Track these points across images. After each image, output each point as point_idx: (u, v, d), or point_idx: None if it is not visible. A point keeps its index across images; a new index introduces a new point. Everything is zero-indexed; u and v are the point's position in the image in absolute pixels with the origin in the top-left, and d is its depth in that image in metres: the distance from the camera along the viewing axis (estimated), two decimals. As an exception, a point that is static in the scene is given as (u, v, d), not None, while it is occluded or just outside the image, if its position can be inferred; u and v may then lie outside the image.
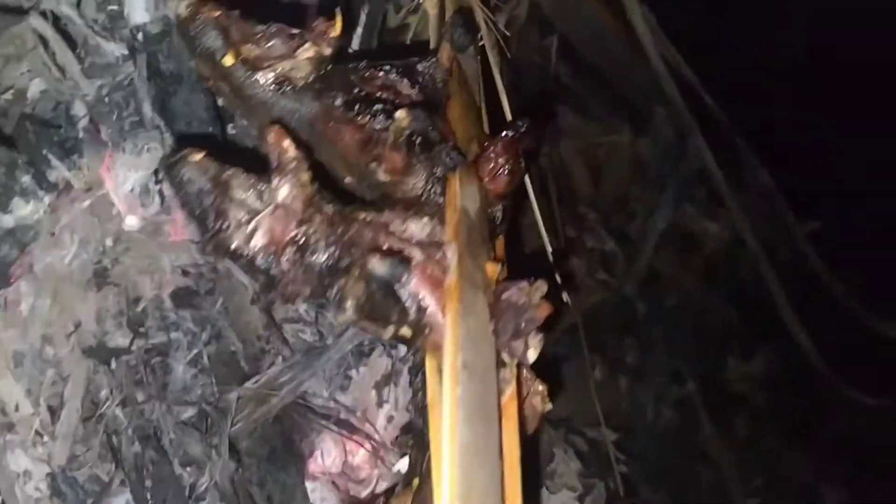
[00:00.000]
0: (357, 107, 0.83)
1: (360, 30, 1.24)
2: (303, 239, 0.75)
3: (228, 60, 0.82)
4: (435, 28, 1.12)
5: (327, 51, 0.84)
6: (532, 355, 0.76)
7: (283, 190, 0.74)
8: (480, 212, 0.83)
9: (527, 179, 1.17)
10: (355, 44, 1.22)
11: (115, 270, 1.23)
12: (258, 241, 0.74)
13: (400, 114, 0.78)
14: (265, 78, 0.84)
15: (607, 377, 2.29)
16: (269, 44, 0.85)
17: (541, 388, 0.90)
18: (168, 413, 1.18)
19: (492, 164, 0.87)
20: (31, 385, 1.16)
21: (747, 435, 2.67)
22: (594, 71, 2.50)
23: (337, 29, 0.84)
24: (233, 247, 0.74)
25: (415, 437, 1.15)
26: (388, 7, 1.30)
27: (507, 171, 0.88)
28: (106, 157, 1.09)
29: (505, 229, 0.92)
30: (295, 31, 0.87)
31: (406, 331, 0.75)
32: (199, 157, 0.74)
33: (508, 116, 1.09)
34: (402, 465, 1.26)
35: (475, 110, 0.98)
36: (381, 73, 0.89)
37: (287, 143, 0.75)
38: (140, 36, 1.08)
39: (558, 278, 1.35)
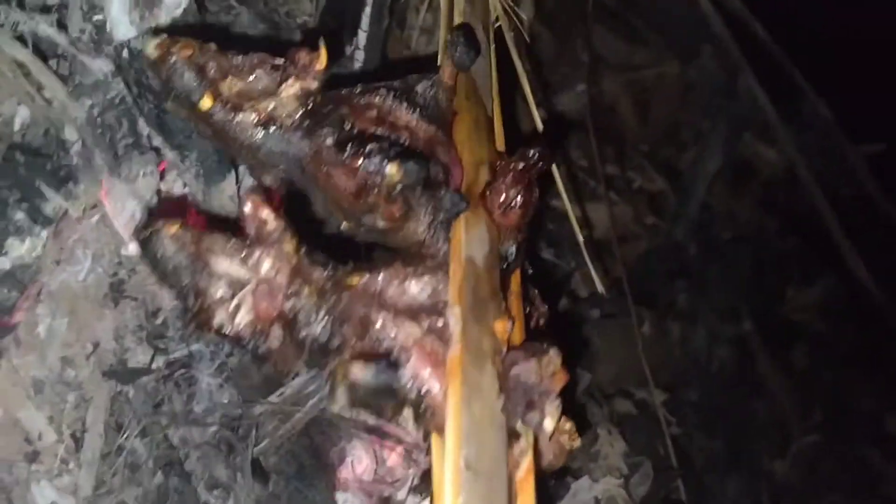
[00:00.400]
0: (349, 147, 0.74)
1: (362, 49, 1.15)
2: (291, 314, 0.69)
3: (206, 103, 0.74)
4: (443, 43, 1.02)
5: (313, 85, 0.76)
6: (549, 425, 0.69)
7: (266, 264, 0.67)
8: (490, 257, 0.75)
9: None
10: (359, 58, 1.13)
11: (132, 283, 1.19)
12: (243, 318, 0.68)
13: (391, 169, 0.69)
14: (248, 119, 0.76)
15: (657, 329, 2.21)
16: (251, 76, 0.76)
17: (567, 426, 0.83)
18: (191, 435, 1.15)
19: (502, 198, 0.79)
20: (52, 412, 1.14)
21: (806, 367, 2.58)
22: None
23: (322, 61, 0.75)
24: (216, 325, 0.68)
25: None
26: (391, 21, 1.21)
27: (519, 205, 0.79)
28: (103, 181, 1.03)
29: (521, 262, 0.84)
30: (278, 60, 0.78)
31: (407, 414, 0.68)
32: (173, 229, 0.67)
33: (538, 123, 1.00)
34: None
35: (486, 127, 0.88)
36: (377, 100, 0.80)
37: (266, 213, 0.67)
38: (125, 53, 0.99)
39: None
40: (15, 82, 0.96)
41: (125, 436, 1.12)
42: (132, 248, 1.07)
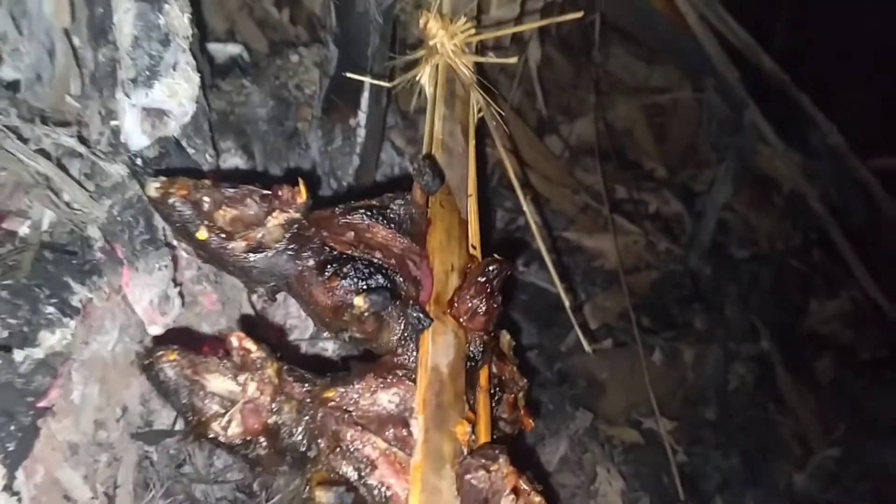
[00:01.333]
0: (328, 269, 0.85)
1: (363, 126, 1.25)
2: (274, 428, 0.80)
3: (202, 235, 0.85)
4: (430, 118, 1.11)
5: (296, 215, 0.86)
6: (506, 517, 0.78)
7: (251, 386, 0.78)
8: (455, 363, 0.85)
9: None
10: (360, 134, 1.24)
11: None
12: (234, 430, 0.79)
13: (357, 300, 0.80)
14: (240, 246, 0.87)
15: (669, 356, 2.27)
16: (242, 206, 0.87)
17: (537, 500, 0.92)
18: (212, 491, 1.26)
19: (467, 306, 0.88)
20: (87, 472, 1.26)
21: (830, 379, 2.61)
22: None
23: (303, 195, 0.86)
24: (211, 435, 0.79)
25: None
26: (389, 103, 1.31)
27: (483, 311, 0.89)
28: (123, 273, 1.15)
29: (488, 359, 0.94)
30: (266, 191, 0.89)
31: (376, 519, 0.78)
32: (172, 356, 0.78)
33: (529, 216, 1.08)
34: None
35: (459, 232, 0.98)
36: (356, 220, 0.90)
37: (248, 344, 0.78)
38: (139, 161, 1.11)
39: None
40: (41, 190, 1.09)
41: (152, 493, 1.24)
42: (153, 331, 1.19)
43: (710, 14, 2.19)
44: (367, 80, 1.28)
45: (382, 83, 1.27)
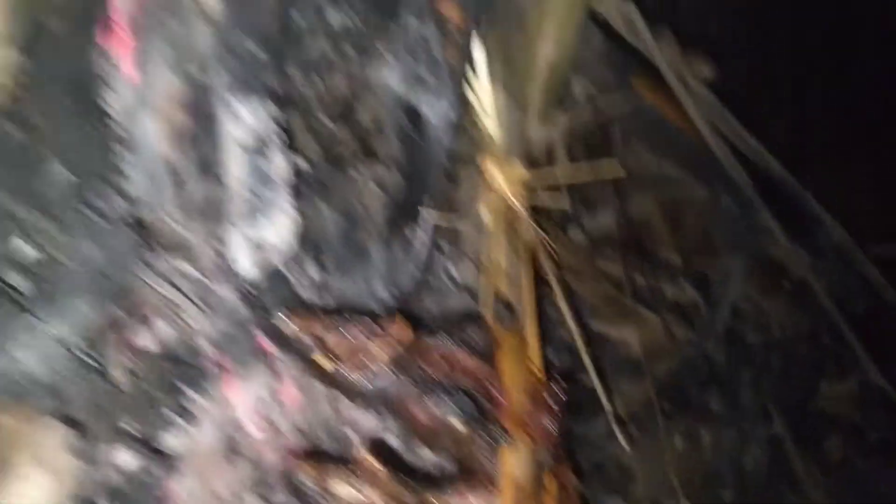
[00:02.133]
0: (423, 389, 1.04)
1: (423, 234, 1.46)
2: (386, 528, 0.98)
3: (319, 360, 1.04)
4: (489, 247, 1.31)
5: (399, 349, 1.06)
6: None
7: (374, 497, 0.96)
8: (531, 471, 1.03)
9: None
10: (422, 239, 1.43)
11: (245, 444, 1.48)
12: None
13: (452, 420, 0.98)
14: (349, 370, 1.06)
15: (690, 440, 2.40)
16: (352, 335, 1.07)
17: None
18: None
19: (539, 425, 1.07)
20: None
21: (840, 459, 2.73)
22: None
23: (408, 331, 1.06)
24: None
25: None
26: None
27: (548, 429, 1.08)
28: (229, 381, 1.34)
29: (554, 465, 1.12)
30: (375, 326, 1.09)
31: None
32: (308, 466, 0.97)
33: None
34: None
35: (523, 354, 1.17)
36: (443, 347, 1.10)
37: (373, 461, 0.97)
38: (248, 286, 1.31)
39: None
40: (162, 309, 1.29)
41: None
42: (252, 432, 1.38)
43: (721, 124, 2.40)
44: (428, 208, 1.48)
45: (441, 212, 1.47)
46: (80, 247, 1.31)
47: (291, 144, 1.71)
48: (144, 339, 1.31)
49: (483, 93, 1.46)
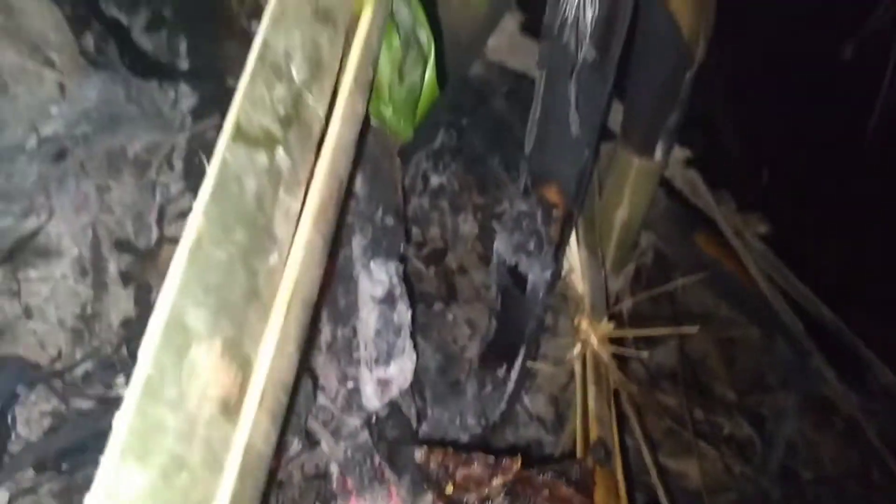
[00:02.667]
0: (532, 516, 1.26)
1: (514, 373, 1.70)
2: None
3: (449, 489, 1.27)
4: (581, 393, 1.55)
5: (510, 477, 1.29)
6: None
7: None
8: None
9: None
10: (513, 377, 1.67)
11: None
12: None
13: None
14: (471, 498, 1.28)
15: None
16: (472, 468, 1.30)
17: None
18: None
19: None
20: None
21: None
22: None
23: (517, 465, 1.29)
24: None
25: None
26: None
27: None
28: (353, 501, 1.57)
29: None
30: (490, 458, 1.32)
31: None
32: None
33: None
34: None
35: (615, 490, 1.39)
36: (549, 480, 1.32)
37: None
38: (373, 419, 1.56)
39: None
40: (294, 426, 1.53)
41: None
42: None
43: (775, 274, 2.65)
44: (523, 353, 1.73)
45: (533, 362, 1.72)
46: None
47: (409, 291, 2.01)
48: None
49: (573, 257, 1.73)
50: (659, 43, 1.71)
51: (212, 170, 0.80)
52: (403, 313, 1.59)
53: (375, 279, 1.56)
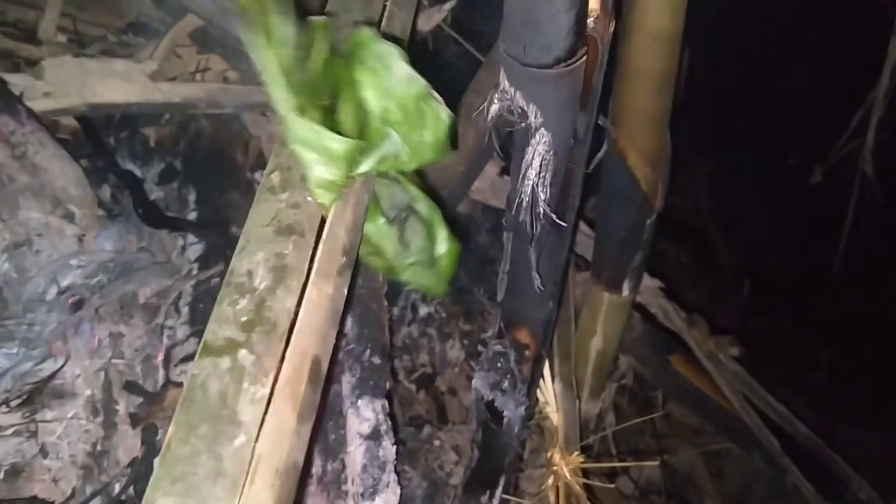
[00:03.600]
0: None
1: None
2: None
3: None
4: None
5: None
6: None
7: None
8: None
9: None
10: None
11: None
12: None
13: None
14: None
15: None
16: None
17: None
18: None
19: None
20: None
21: None
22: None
23: None
24: None
25: None
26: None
27: None
28: None
29: None
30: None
31: None
32: None
33: None
34: None
35: None
36: None
37: None
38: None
39: None
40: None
41: None
42: None
43: (750, 393, 2.78)
44: (501, 482, 1.85)
45: (511, 487, 1.84)
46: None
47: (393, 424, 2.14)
48: None
49: (548, 392, 1.87)
50: (621, 195, 1.90)
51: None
52: (388, 449, 1.73)
53: (362, 416, 1.70)
